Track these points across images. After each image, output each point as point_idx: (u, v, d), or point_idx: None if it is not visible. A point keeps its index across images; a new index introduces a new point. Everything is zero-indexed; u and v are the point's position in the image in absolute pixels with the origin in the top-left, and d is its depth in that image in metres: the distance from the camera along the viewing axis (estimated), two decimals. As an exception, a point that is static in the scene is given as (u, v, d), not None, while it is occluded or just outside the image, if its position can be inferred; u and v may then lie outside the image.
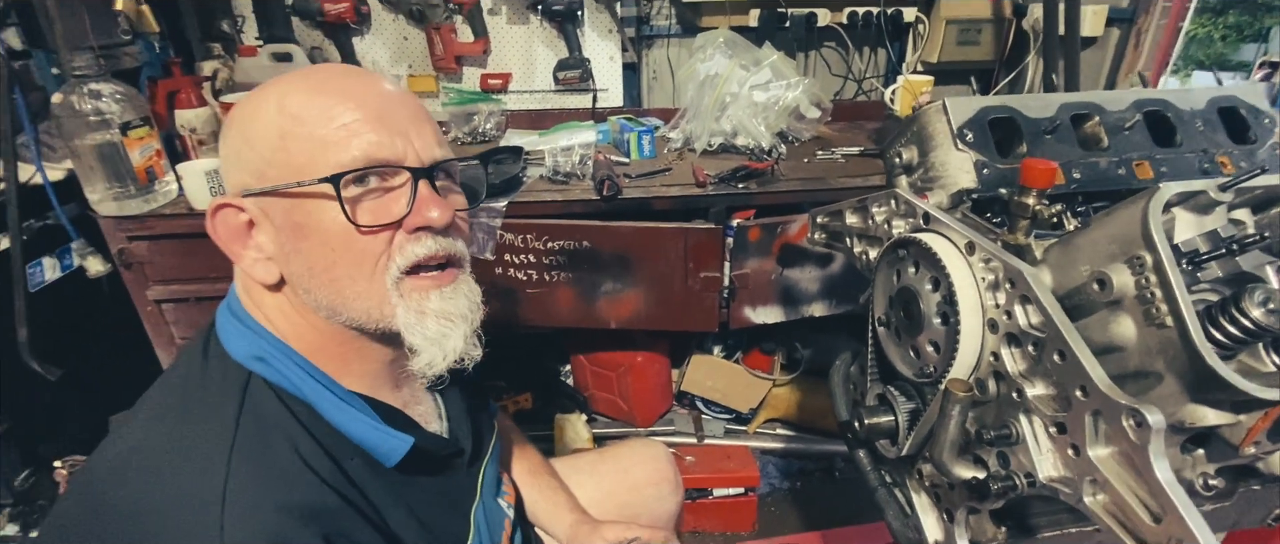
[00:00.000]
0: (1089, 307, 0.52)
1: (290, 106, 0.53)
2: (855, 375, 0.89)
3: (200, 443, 0.50)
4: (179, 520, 0.46)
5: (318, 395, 0.56)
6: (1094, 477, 0.49)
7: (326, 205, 0.53)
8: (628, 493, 0.98)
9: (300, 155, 0.52)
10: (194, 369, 0.55)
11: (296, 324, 0.57)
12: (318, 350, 0.58)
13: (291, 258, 0.55)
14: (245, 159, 0.54)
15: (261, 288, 0.57)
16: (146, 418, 0.53)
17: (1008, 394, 0.57)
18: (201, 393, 0.54)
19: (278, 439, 0.52)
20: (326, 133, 0.52)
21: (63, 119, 1.24)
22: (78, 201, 1.42)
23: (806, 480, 1.78)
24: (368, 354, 0.60)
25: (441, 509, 0.65)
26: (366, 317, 0.56)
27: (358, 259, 0.54)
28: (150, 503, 0.47)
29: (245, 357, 0.55)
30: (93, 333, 1.56)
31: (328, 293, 0.55)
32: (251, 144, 0.53)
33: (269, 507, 0.48)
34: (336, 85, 0.54)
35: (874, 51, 1.95)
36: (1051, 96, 0.75)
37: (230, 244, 0.55)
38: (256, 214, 0.55)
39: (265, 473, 0.49)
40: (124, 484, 0.48)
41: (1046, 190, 0.58)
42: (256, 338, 0.56)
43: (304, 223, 0.53)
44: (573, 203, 1.38)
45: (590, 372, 1.82)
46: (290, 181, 0.52)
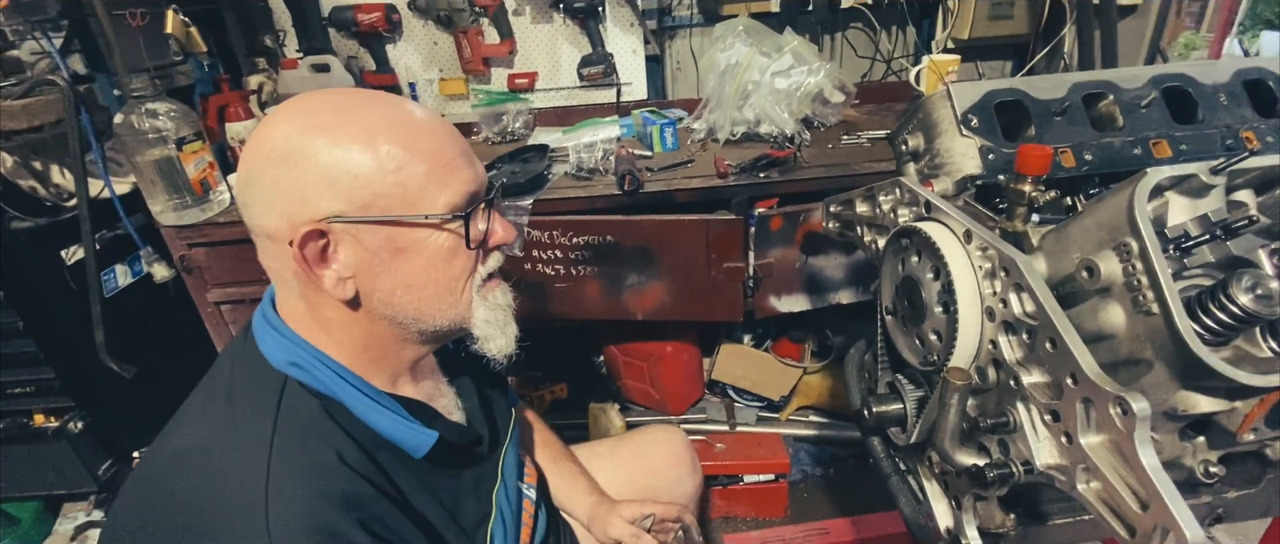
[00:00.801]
0: (1080, 294, 0.51)
1: (395, 143, 0.57)
2: (869, 364, 0.89)
3: (243, 439, 0.55)
4: (229, 515, 0.51)
5: (349, 396, 0.61)
6: (1086, 464, 0.49)
7: (434, 233, 0.60)
8: (646, 476, 1.01)
9: (414, 190, 0.58)
10: (234, 374, 0.61)
11: (351, 331, 0.62)
12: (355, 355, 0.63)
13: (381, 277, 0.60)
14: (341, 188, 0.56)
15: (322, 302, 0.60)
16: (193, 420, 0.59)
17: (1006, 382, 0.58)
18: (242, 395, 0.59)
19: (313, 436, 0.57)
20: (435, 171, 0.58)
21: (124, 137, 1.35)
22: (143, 212, 1.53)
23: (839, 467, 1.78)
24: (404, 355, 0.66)
25: (464, 493, 0.69)
26: (450, 322, 0.64)
27: (457, 275, 0.63)
28: (202, 499, 0.52)
29: (282, 362, 0.60)
30: (161, 333, 1.68)
31: (418, 305, 0.62)
32: (354, 176, 0.56)
33: (309, 496, 0.53)
34: (422, 125, 0.59)
35: (902, 30, 1.90)
36: (1063, 76, 0.73)
37: (315, 266, 0.58)
38: (341, 237, 0.57)
39: (304, 467, 0.54)
40: (176, 481, 0.54)
41: (1043, 177, 0.57)
42: (292, 345, 0.61)
43: (408, 247, 0.59)
44: (596, 198, 1.41)
45: (622, 362, 1.85)
46: (410, 213, 0.58)
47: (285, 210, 0.56)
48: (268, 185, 0.56)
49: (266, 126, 0.58)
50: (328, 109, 0.57)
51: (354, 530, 0.53)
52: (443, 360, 0.78)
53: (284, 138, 0.56)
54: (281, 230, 0.56)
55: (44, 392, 1.56)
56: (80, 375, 1.57)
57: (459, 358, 0.81)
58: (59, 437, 1.57)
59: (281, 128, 0.57)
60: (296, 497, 0.52)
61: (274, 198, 0.56)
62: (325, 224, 0.56)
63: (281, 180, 0.56)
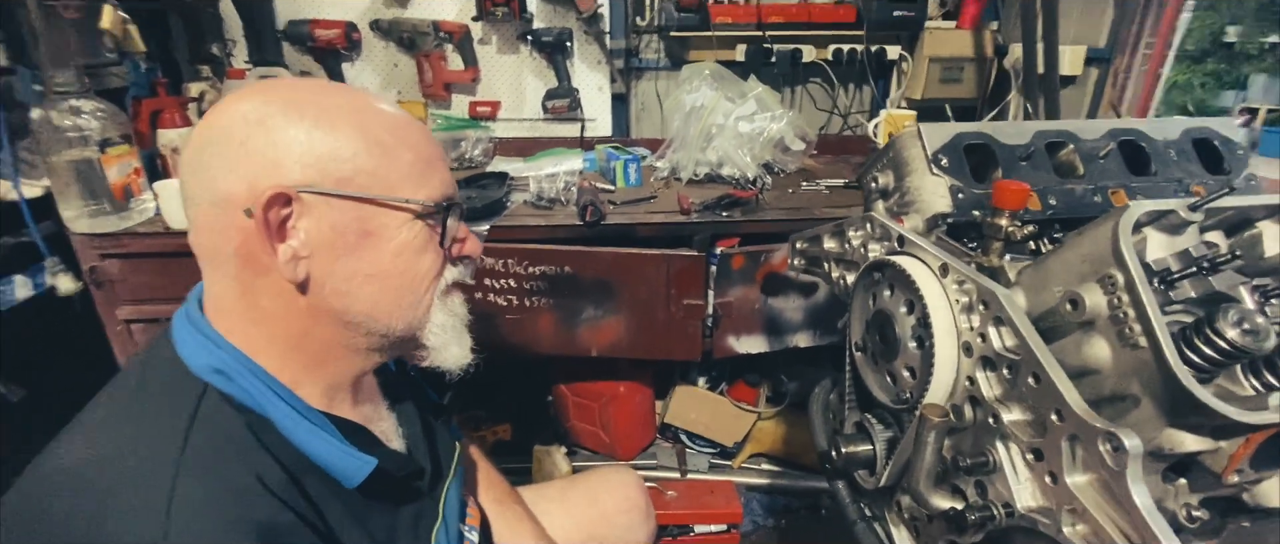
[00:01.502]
0: (1063, 328, 0.50)
1: (383, 130, 0.55)
2: (834, 404, 0.87)
3: (145, 459, 0.47)
4: (119, 534, 0.43)
5: (278, 411, 0.53)
6: (1073, 506, 0.47)
7: (407, 223, 0.56)
8: (597, 523, 0.94)
9: (395, 173, 0.55)
10: (145, 379, 0.53)
11: (285, 325, 0.55)
12: (287, 358, 0.55)
13: (341, 260, 0.54)
14: (318, 159, 0.52)
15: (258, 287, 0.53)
16: (87, 430, 0.50)
17: (984, 420, 0.56)
18: (150, 403, 0.51)
19: (231, 456, 0.49)
20: (418, 163, 0.57)
21: (41, 134, 1.23)
22: (53, 220, 1.39)
23: (792, 518, 1.73)
24: (343, 366, 0.59)
25: (401, 531, 0.61)
26: (404, 323, 0.59)
27: (422, 274, 0.59)
28: (87, 526, 0.44)
29: (203, 368, 0.52)
30: (60, 354, 1.51)
31: (374, 299, 0.56)
32: (334, 150, 0.52)
33: (219, 526, 0.45)
34: (406, 121, 0.58)
35: (858, 88, 1.98)
36: (1027, 124, 0.76)
37: (271, 237, 0.51)
38: (309, 211, 0.52)
39: (216, 489, 0.46)
40: (59, 498, 0.45)
41: (1020, 212, 0.57)
42: (217, 350, 0.53)
43: (377, 232, 0.55)
44: (556, 227, 1.37)
45: (572, 402, 1.78)
46: (389, 195, 0.54)
47: (249, 173, 0.51)
48: (234, 145, 0.51)
49: (240, 94, 0.53)
50: (310, 90, 0.55)
51: None
52: (384, 383, 0.71)
53: (263, 104, 0.52)
54: (238, 194, 0.50)
55: (-89, 414, 1.37)
56: (-43, 397, 1.38)
57: (401, 381, 0.74)
58: (-77, 466, 1.37)
59: (260, 96, 0.53)
60: (204, 523, 0.44)
61: (239, 159, 0.51)
62: (293, 191, 0.51)
63: (253, 141, 0.51)
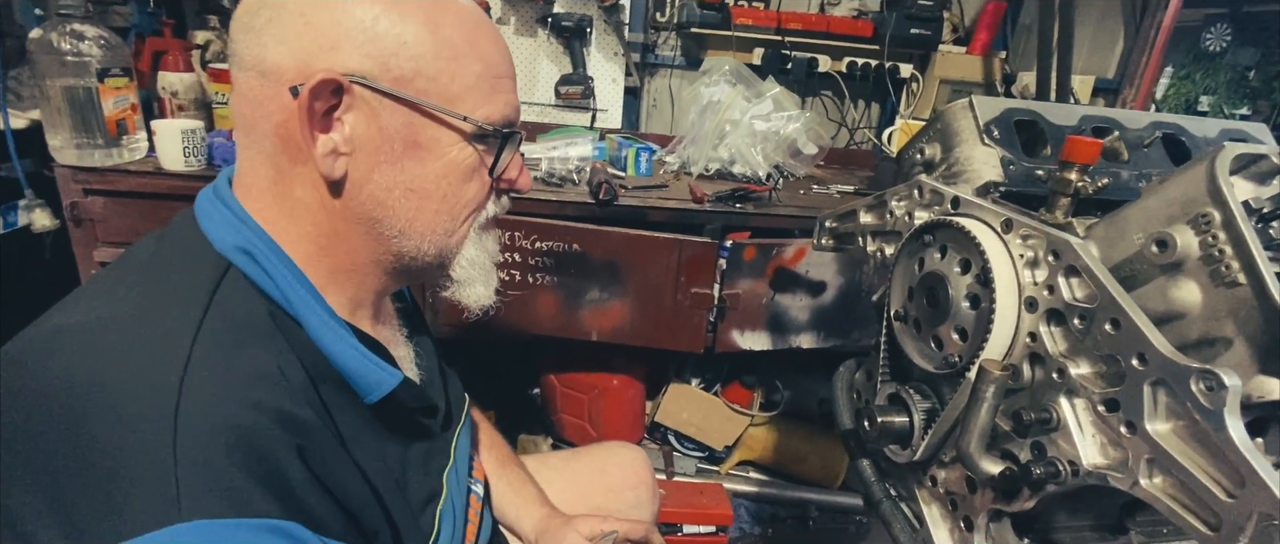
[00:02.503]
0: (1142, 276, 0.49)
1: (459, 33, 0.49)
2: (860, 382, 0.84)
3: (160, 321, 0.42)
4: (123, 397, 0.38)
5: (306, 308, 0.48)
6: (1153, 456, 0.45)
7: (460, 142, 0.51)
8: (603, 495, 0.89)
9: (459, 84, 0.50)
10: (161, 251, 0.48)
11: (312, 224, 0.50)
12: (313, 258, 0.50)
13: (382, 168, 0.49)
14: (379, 49, 0.46)
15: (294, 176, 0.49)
16: (88, 298, 0.45)
17: (1046, 377, 0.54)
18: (167, 274, 0.46)
19: (250, 338, 0.44)
20: (487, 78, 0.51)
21: (37, 57, 1.17)
22: (36, 158, 1.32)
23: (778, 527, 1.70)
24: (366, 280, 0.54)
25: (413, 465, 0.57)
26: (435, 249, 0.54)
27: (467, 201, 0.54)
28: (88, 378, 0.39)
29: (228, 247, 0.47)
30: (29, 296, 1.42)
31: (408, 217, 0.51)
32: (399, 42, 0.47)
33: (238, 400, 0.40)
34: (486, 28, 0.52)
35: (868, 104, 2.01)
36: (1074, 108, 0.75)
37: (313, 126, 0.46)
38: (359, 105, 0.47)
39: (236, 368, 0.41)
40: (56, 358, 0.40)
41: (1090, 167, 0.56)
42: (244, 229, 0.48)
43: (427, 146, 0.50)
44: (567, 205, 1.35)
45: (561, 392, 1.73)
46: (447, 108, 0.49)
47: (302, 48, 0.46)
48: (294, 14, 0.46)
49: None
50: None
51: (287, 454, 0.40)
52: (401, 311, 0.66)
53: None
54: (286, 70, 0.45)
55: None
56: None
57: (417, 317, 0.70)
58: None
59: None
60: (221, 400, 0.39)
61: (295, 30, 0.46)
62: (345, 80, 0.46)
63: (314, 14, 0.46)
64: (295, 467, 0.41)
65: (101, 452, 0.36)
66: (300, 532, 0.39)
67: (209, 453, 0.37)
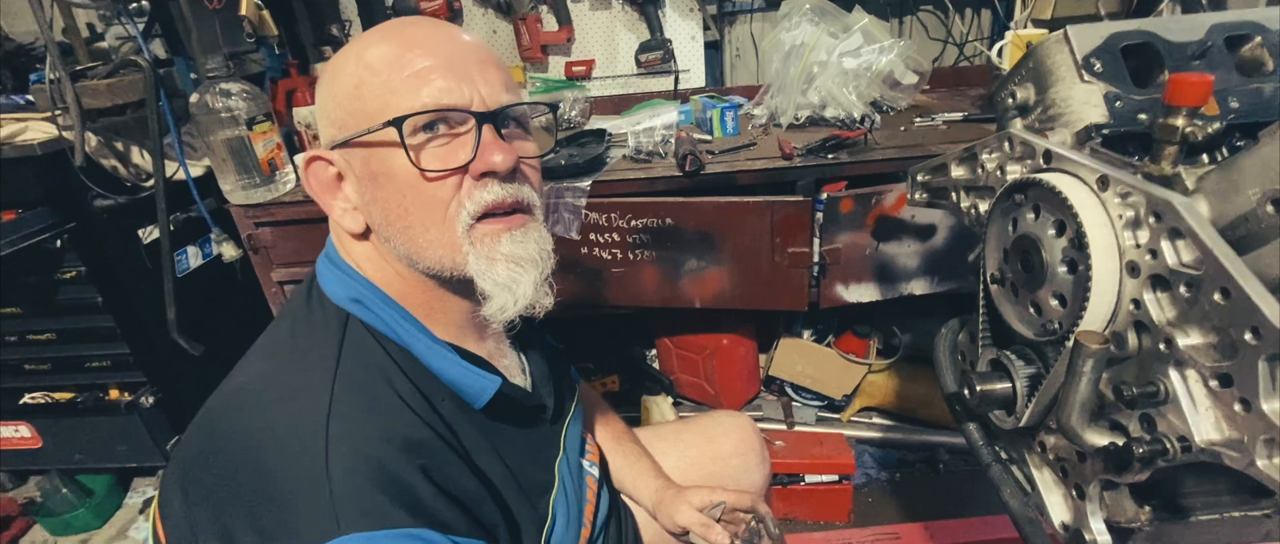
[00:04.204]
0: (1258, 237, 0.44)
1: (366, 57, 0.55)
2: (964, 344, 0.82)
3: (305, 376, 0.53)
4: (286, 448, 0.49)
5: (411, 337, 0.58)
6: (1271, 435, 0.41)
7: (397, 153, 0.54)
8: (712, 463, 0.95)
9: (373, 103, 0.54)
10: (299, 312, 0.59)
11: (383, 271, 0.60)
12: (405, 297, 0.60)
13: (371, 207, 0.57)
14: (329, 112, 0.57)
15: (351, 237, 0.60)
16: (258, 357, 0.58)
17: (1153, 347, 0.50)
18: (306, 333, 0.57)
19: (375, 376, 0.54)
20: (397, 80, 0.53)
21: (199, 116, 1.38)
22: (214, 196, 1.57)
23: (906, 472, 1.68)
24: (450, 304, 0.62)
25: (526, 457, 0.65)
26: (440, 264, 0.57)
27: (428, 205, 0.55)
28: (262, 435, 0.50)
29: (343, 299, 0.58)
30: (227, 313, 1.73)
31: (404, 241, 0.57)
32: (334, 97, 0.56)
33: (371, 438, 0.50)
34: (408, 35, 0.55)
35: (977, 12, 1.80)
36: (1201, 16, 0.65)
37: (321, 195, 0.59)
38: (342, 166, 0.57)
39: (366, 405, 0.52)
40: (238, 414, 0.52)
41: (1199, 110, 0.50)
42: (352, 282, 0.59)
43: (378, 171, 0.55)
44: (655, 180, 1.37)
45: (676, 355, 1.80)
46: (363, 129, 0.54)
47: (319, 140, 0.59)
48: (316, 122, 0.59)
49: None
50: (354, 42, 0.58)
51: (416, 477, 0.50)
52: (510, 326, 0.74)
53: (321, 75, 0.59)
54: None
55: (118, 366, 1.62)
56: (152, 351, 1.62)
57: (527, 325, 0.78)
58: (131, 410, 1.63)
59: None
60: (359, 436, 0.50)
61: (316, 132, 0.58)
62: (326, 151, 0.57)
63: (317, 110, 0.58)
64: (421, 482, 0.50)
65: (278, 484, 0.48)
66: (432, 535, 0.49)
67: (355, 481, 0.47)
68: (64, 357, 1.60)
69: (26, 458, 1.70)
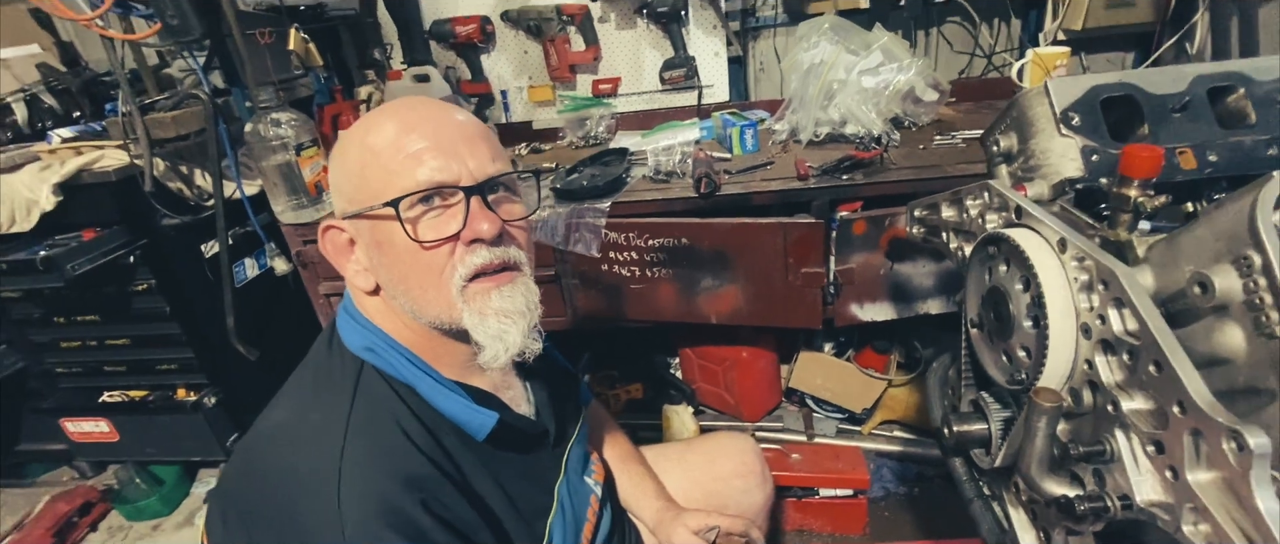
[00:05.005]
0: (1192, 313, 0.46)
1: (368, 140, 0.63)
2: (953, 379, 0.84)
3: (322, 420, 0.61)
4: (305, 486, 0.57)
5: (418, 380, 0.65)
6: (1194, 504, 0.44)
7: (396, 226, 0.61)
8: (713, 483, 1.00)
9: (376, 182, 0.62)
10: (321, 359, 0.68)
11: (393, 322, 0.67)
12: (414, 344, 0.67)
13: (379, 269, 0.65)
14: (340, 186, 0.65)
15: (364, 293, 0.68)
16: (285, 400, 0.66)
17: (1103, 407, 0.53)
18: (325, 378, 0.65)
19: (385, 417, 0.61)
20: (395, 163, 0.61)
21: (253, 144, 1.50)
22: (267, 212, 1.70)
23: (925, 486, 1.68)
24: (453, 349, 0.69)
25: (527, 483, 0.72)
26: (439, 318, 0.64)
27: (425, 270, 0.63)
28: (286, 471, 0.58)
29: (359, 348, 0.65)
30: (280, 321, 1.86)
31: (407, 298, 0.65)
32: (344, 173, 0.64)
33: (377, 475, 0.57)
34: (405, 118, 0.63)
35: (1006, 22, 1.77)
36: (1185, 68, 0.66)
37: (336, 258, 0.67)
38: (353, 233, 0.66)
39: (375, 447, 0.59)
40: (268, 454, 0.61)
41: (1152, 180, 0.52)
42: (366, 332, 0.66)
43: (383, 241, 0.63)
44: (673, 200, 1.42)
45: (697, 365, 1.85)
46: (368, 205, 0.62)
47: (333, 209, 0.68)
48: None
49: None
50: (360, 123, 0.66)
51: (416, 510, 0.57)
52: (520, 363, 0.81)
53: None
54: None
55: (185, 369, 1.77)
56: (214, 356, 1.77)
57: None
58: (196, 409, 1.78)
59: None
60: (366, 475, 0.57)
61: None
62: (339, 221, 0.65)
63: (331, 182, 0.67)
64: (422, 515, 0.57)
65: (299, 517, 0.56)
66: None
67: (362, 514, 0.55)
68: (137, 360, 1.76)
69: (105, 450, 1.88)
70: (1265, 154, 0.61)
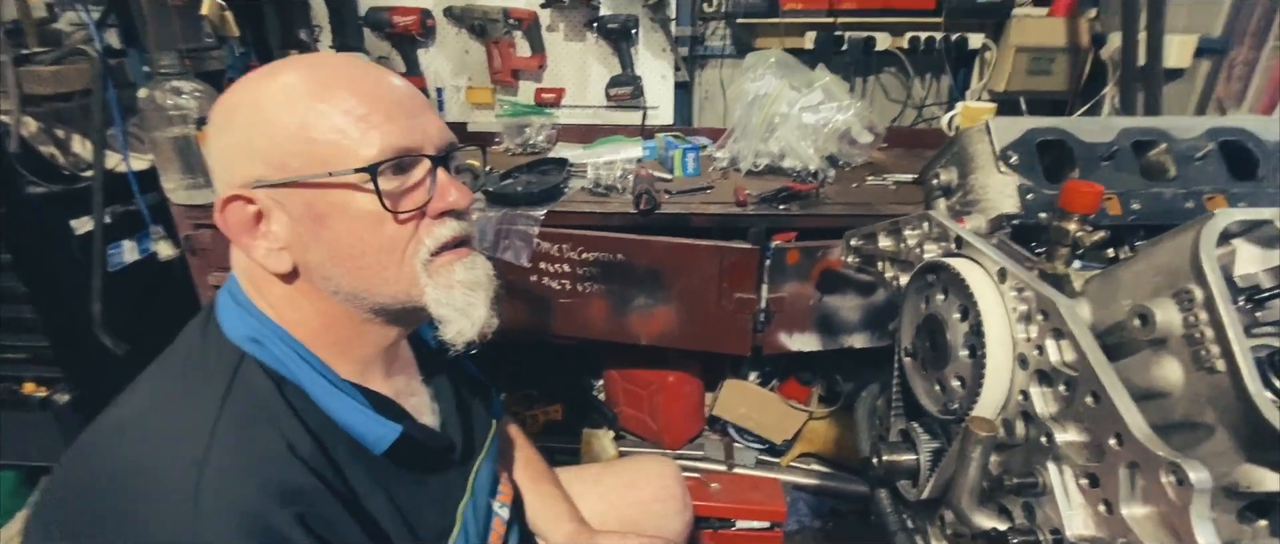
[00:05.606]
0: (1130, 346, 0.46)
1: (307, 97, 0.53)
2: (881, 409, 0.83)
3: (186, 414, 0.51)
4: (157, 485, 0.47)
5: (309, 379, 0.56)
6: (1128, 539, 0.43)
7: (355, 195, 0.54)
8: (632, 508, 0.94)
9: (325, 147, 0.53)
10: (192, 346, 0.57)
11: (302, 310, 0.58)
12: (318, 336, 0.58)
13: (310, 247, 0.55)
14: (258, 150, 0.53)
15: (268, 277, 0.57)
16: (141, 389, 0.55)
17: (1036, 439, 0.52)
18: (195, 369, 0.55)
19: (263, 420, 0.52)
20: (349, 124, 0.53)
21: (146, 112, 1.35)
22: (156, 192, 1.53)
23: (839, 522, 1.69)
24: (369, 339, 0.60)
25: (426, 502, 0.64)
26: (394, 298, 0.57)
27: (388, 245, 0.56)
28: (131, 473, 0.48)
29: (240, 338, 0.56)
30: (160, 314, 1.66)
31: (353, 278, 0.56)
32: (268, 136, 0.53)
33: (247, 484, 0.48)
34: (348, 76, 0.54)
35: (936, 78, 1.88)
36: (1113, 120, 0.69)
37: (240, 236, 0.55)
38: (268, 205, 0.54)
39: (247, 450, 0.50)
40: (112, 449, 0.50)
41: (1090, 216, 0.53)
42: (253, 320, 0.57)
43: (328, 213, 0.54)
44: (611, 215, 1.38)
45: (622, 388, 1.79)
46: (318, 172, 0.53)
47: (221, 178, 0.55)
48: (211, 154, 0.55)
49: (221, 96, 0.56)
50: (267, 69, 0.55)
51: (290, 526, 0.48)
52: (421, 358, 0.73)
53: (222, 104, 0.55)
54: (220, 198, 0.54)
55: (36, 360, 1.54)
56: (73, 347, 1.55)
57: (439, 358, 0.76)
58: (45, 407, 1.55)
59: (226, 94, 0.55)
60: (233, 480, 0.48)
61: (214, 166, 0.55)
62: (248, 190, 0.53)
63: (216, 146, 0.55)
64: (298, 533, 0.48)
65: (143, 530, 0.46)
66: None
67: (222, 528, 0.45)
68: (-24, 345, 1.52)
69: (-77, 450, 1.59)
70: (1183, 206, 0.64)
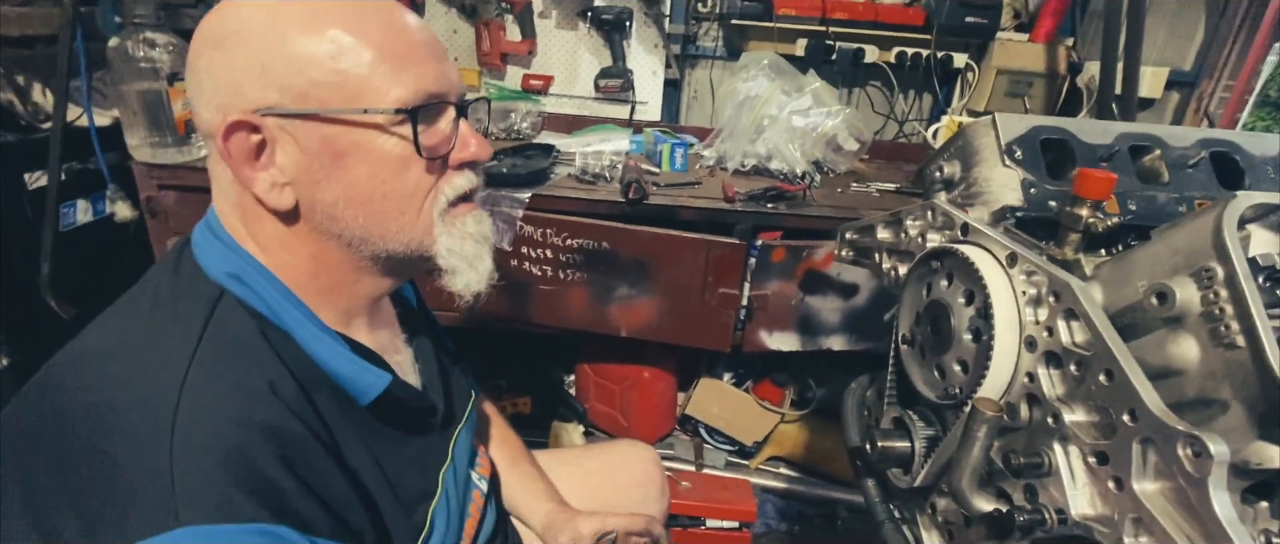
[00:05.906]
0: (1143, 326, 0.47)
1: (338, 24, 0.49)
2: (871, 400, 0.83)
3: (161, 347, 0.47)
4: (127, 426, 0.43)
5: (294, 320, 0.53)
6: (1138, 515, 0.43)
7: (380, 136, 0.51)
8: (612, 492, 0.92)
9: (357, 81, 0.49)
10: (163, 282, 0.53)
11: (294, 252, 0.54)
12: (305, 281, 0.55)
13: (322, 185, 0.51)
14: (275, 74, 0.48)
15: (261, 213, 0.52)
16: (110, 321, 0.51)
17: (1042, 420, 0.52)
18: (168, 304, 0.51)
19: (244, 358, 0.49)
20: (385, 60, 0.50)
21: (116, 63, 1.27)
22: (119, 151, 1.44)
23: (805, 525, 1.70)
24: (360, 288, 0.57)
25: (407, 463, 0.60)
26: (406, 246, 0.55)
27: (411, 191, 0.53)
28: (99, 406, 0.44)
29: (220, 274, 0.52)
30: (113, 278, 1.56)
31: (365, 222, 0.53)
32: (289, 60, 0.48)
33: (226, 419, 0.44)
34: (378, 8, 0.51)
35: (919, 94, 1.92)
36: (1111, 124, 0.71)
37: (241, 166, 0.50)
38: (276, 135, 0.50)
39: (227, 387, 0.46)
40: (77, 384, 0.46)
41: (1103, 202, 0.53)
42: (234, 256, 0.52)
43: (349, 151, 0.50)
44: (597, 203, 1.36)
45: (594, 383, 1.77)
46: (348, 107, 0.49)
47: (218, 101, 0.49)
48: (203, 72, 0.49)
49: (214, 9, 0.50)
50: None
51: (273, 465, 0.45)
52: (403, 316, 0.70)
53: (223, 18, 0.49)
54: (214, 125, 0.49)
55: (-29, 320, 1.43)
56: (17, 309, 1.44)
57: (420, 320, 0.73)
58: (-22, 371, 1.44)
59: (226, 8, 0.49)
60: (212, 416, 0.44)
61: (208, 86, 0.49)
62: (256, 117, 0.48)
63: (215, 65, 0.49)
64: (280, 474, 0.45)
65: (114, 466, 0.42)
66: (290, 534, 0.44)
67: (202, 466, 0.42)
68: (-96, 301, 1.40)
69: None
70: (1176, 210, 0.66)
